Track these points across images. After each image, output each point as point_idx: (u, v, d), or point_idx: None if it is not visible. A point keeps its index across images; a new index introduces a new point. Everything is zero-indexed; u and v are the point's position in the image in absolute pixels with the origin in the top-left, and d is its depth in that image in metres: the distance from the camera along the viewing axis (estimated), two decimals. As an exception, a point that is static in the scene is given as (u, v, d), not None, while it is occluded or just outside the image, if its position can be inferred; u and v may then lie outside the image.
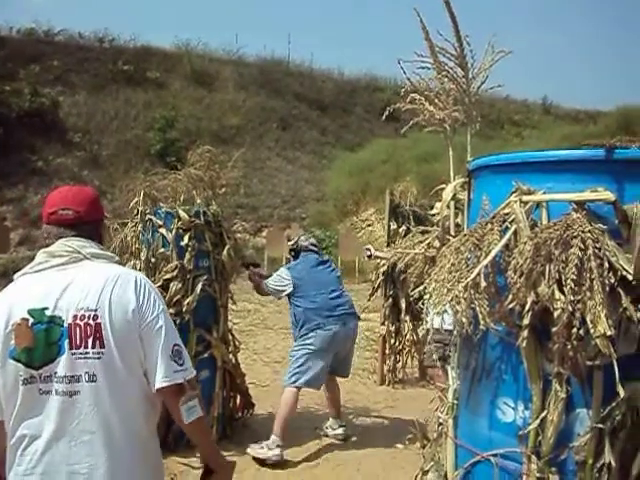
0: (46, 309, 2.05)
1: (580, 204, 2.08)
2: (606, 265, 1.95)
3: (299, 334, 5.43)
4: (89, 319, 2.04)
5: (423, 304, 2.39)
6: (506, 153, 2.53)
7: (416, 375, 7.80)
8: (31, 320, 2.05)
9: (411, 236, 6.97)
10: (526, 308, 2.07)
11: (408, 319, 7.61)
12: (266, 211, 23.67)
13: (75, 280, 2.09)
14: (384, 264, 6.98)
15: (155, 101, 26.15)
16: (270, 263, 16.27)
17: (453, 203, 2.79)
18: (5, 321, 2.06)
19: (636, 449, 2.05)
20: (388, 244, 7.47)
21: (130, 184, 5.95)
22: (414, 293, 2.73)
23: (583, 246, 1.95)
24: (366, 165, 23.45)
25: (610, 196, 2.04)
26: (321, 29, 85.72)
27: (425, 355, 5.70)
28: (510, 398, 2.25)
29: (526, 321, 2.08)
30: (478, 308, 2.13)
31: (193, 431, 2.20)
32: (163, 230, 5.31)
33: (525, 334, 2.08)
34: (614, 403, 2.01)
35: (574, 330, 1.95)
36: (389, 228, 7.74)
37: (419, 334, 7.59)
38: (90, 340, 2.04)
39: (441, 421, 2.67)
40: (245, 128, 27.12)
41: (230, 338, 5.77)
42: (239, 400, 5.80)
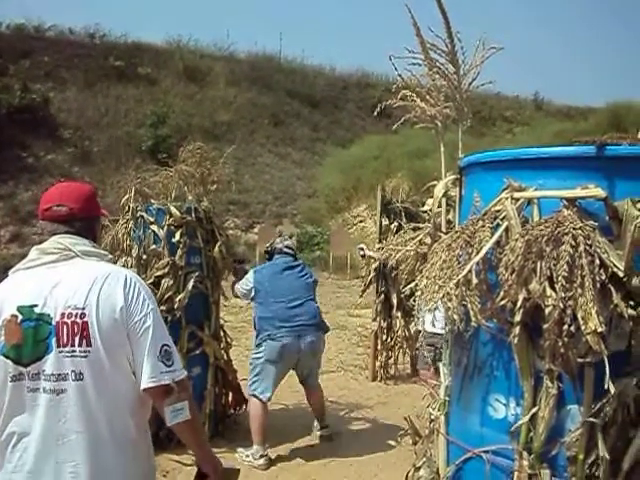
0: (35, 306, 2.05)
1: (571, 201, 2.08)
2: (597, 262, 1.96)
3: (255, 342, 5.25)
4: (76, 317, 2.03)
5: (415, 301, 2.39)
6: (497, 150, 2.53)
7: (408, 371, 7.82)
8: (20, 317, 2.05)
9: (403, 233, 7.02)
10: (517, 305, 2.07)
11: (400, 315, 7.62)
12: (258, 207, 23.66)
13: (65, 278, 2.09)
14: (376, 260, 6.99)
15: (146, 97, 26.09)
16: (262, 260, 16.24)
17: (444, 200, 2.79)
18: None
19: (627, 444, 2.06)
20: (380, 240, 7.47)
21: (121, 181, 5.94)
22: (406, 290, 2.74)
23: (574, 243, 1.96)
24: (357, 161, 23.48)
25: (601, 193, 2.04)
26: (313, 25, 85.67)
27: (417, 358, 5.65)
28: (502, 395, 2.26)
29: (517, 318, 2.08)
30: (469, 305, 2.14)
31: (181, 432, 2.20)
32: (154, 227, 5.30)
33: (516, 331, 2.09)
34: (605, 399, 2.02)
35: (565, 327, 1.95)
36: (381, 224, 7.74)
37: (411, 330, 7.61)
38: (77, 338, 2.03)
39: (433, 418, 2.67)
40: (236, 124, 27.09)
41: (222, 335, 5.77)
42: (231, 397, 5.80)
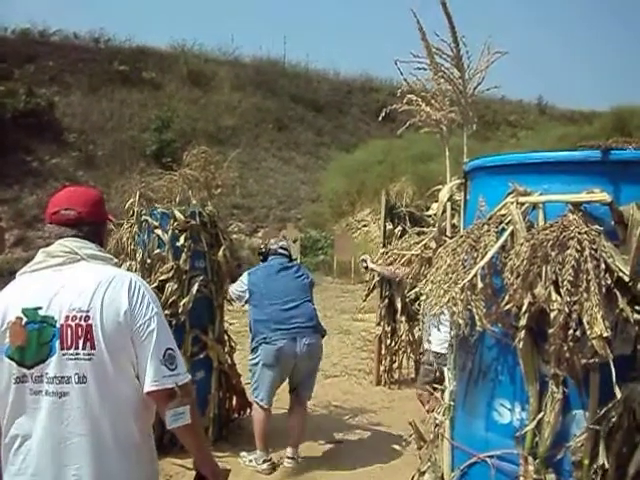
0: (39, 309, 2.05)
1: (576, 205, 2.08)
2: (602, 266, 1.95)
3: (250, 346, 5.15)
4: (80, 320, 2.03)
5: (419, 305, 2.38)
6: (502, 154, 2.52)
7: (412, 375, 7.80)
8: (25, 319, 2.05)
9: (407, 237, 7.02)
10: (523, 309, 2.06)
11: (404, 320, 7.60)
12: (262, 212, 23.70)
13: (70, 281, 2.10)
14: (380, 263, 6.97)
15: (151, 102, 26.18)
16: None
17: (449, 204, 2.79)
18: (1, 319, 2.07)
19: (632, 450, 2.05)
20: (384, 245, 7.46)
21: (126, 185, 5.96)
22: (410, 294, 2.73)
23: (579, 247, 1.95)
24: (362, 165, 23.51)
25: (606, 197, 2.04)
26: (317, 30, 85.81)
27: (419, 377, 5.49)
28: (507, 399, 2.25)
29: (523, 322, 2.08)
30: (475, 309, 2.13)
31: (182, 436, 2.20)
32: (159, 231, 5.31)
33: (522, 335, 2.08)
34: (610, 404, 2.01)
35: (571, 331, 1.95)
36: (385, 229, 7.73)
37: (415, 335, 7.60)
38: (81, 341, 2.03)
39: (437, 422, 2.67)
40: (241, 129, 27.15)
41: (226, 339, 5.77)
42: (235, 401, 5.80)
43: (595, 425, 2.03)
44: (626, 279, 1.97)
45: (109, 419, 2.06)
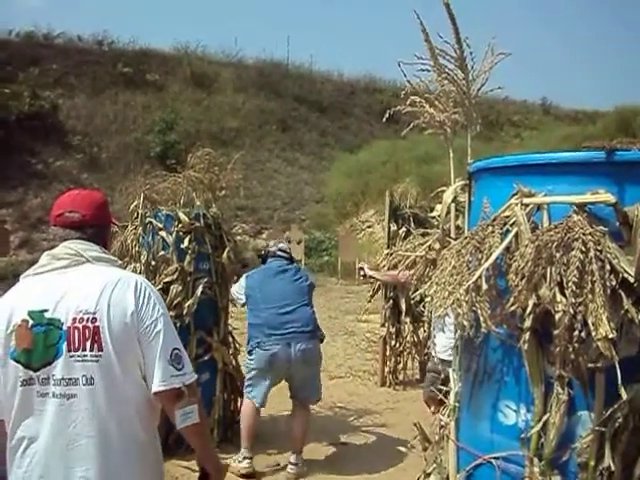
0: (46, 311, 2.06)
1: (581, 206, 2.07)
2: (607, 267, 1.95)
3: (246, 349, 5.11)
4: (87, 322, 2.04)
5: (424, 307, 2.38)
6: (506, 155, 2.52)
7: (417, 376, 7.81)
8: (31, 322, 2.06)
9: (412, 238, 7.01)
10: (527, 311, 2.06)
11: (408, 321, 7.61)
12: (266, 213, 23.70)
13: (75, 283, 2.10)
14: (384, 265, 6.97)
15: (154, 104, 26.20)
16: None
17: (454, 205, 2.79)
18: (7, 322, 2.08)
19: (638, 451, 2.04)
20: (388, 246, 7.47)
21: (130, 187, 5.96)
22: (415, 296, 2.73)
23: (584, 248, 1.95)
24: (365, 166, 23.51)
25: (611, 198, 2.04)
26: (320, 31, 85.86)
27: (425, 383, 5.36)
28: (512, 401, 2.25)
29: (527, 324, 2.07)
30: (479, 311, 2.13)
31: (189, 435, 2.21)
32: (163, 233, 5.33)
33: (526, 337, 2.08)
34: (616, 405, 2.00)
35: (576, 333, 1.94)
36: (389, 230, 7.74)
37: (419, 336, 7.60)
38: (88, 343, 2.04)
39: (443, 424, 2.67)
40: (244, 130, 27.16)
41: (230, 340, 5.78)
42: (240, 403, 5.79)
43: (601, 426, 2.02)
44: (631, 280, 1.97)
45: (116, 420, 2.07)
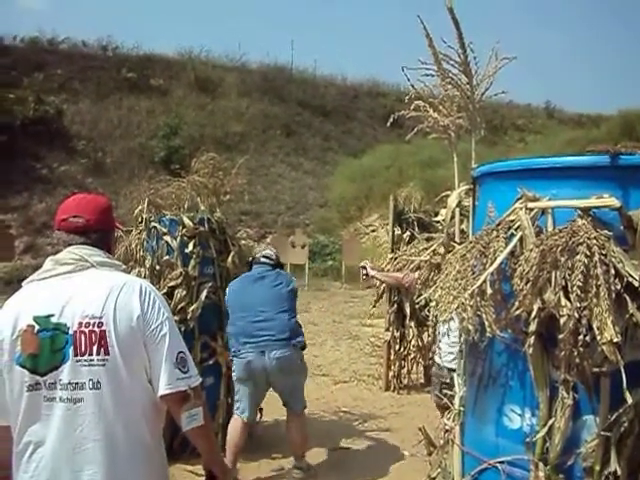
0: (51, 316, 2.07)
1: (585, 210, 2.08)
2: (612, 271, 1.95)
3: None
4: (94, 326, 2.05)
5: (429, 311, 2.38)
6: (511, 160, 2.53)
7: (421, 381, 7.80)
8: (37, 327, 2.06)
9: (416, 242, 7.00)
10: (532, 315, 2.06)
11: (413, 325, 7.58)
12: (270, 217, 23.74)
13: (81, 288, 2.11)
14: (389, 269, 6.96)
15: (159, 108, 26.29)
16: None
17: (458, 210, 2.79)
18: (12, 327, 2.08)
19: (644, 455, 2.04)
20: (392, 250, 7.46)
21: (134, 191, 5.97)
22: (420, 300, 2.73)
23: (589, 253, 1.95)
24: (369, 171, 23.51)
25: (615, 202, 2.04)
26: (324, 35, 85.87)
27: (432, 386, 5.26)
28: (517, 405, 2.25)
29: (532, 328, 2.07)
30: (484, 315, 2.13)
31: (195, 438, 2.22)
32: (168, 237, 5.32)
33: (531, 341, 2.08)
34: (621, 409, 2.00)
35: (580, 337, 1.94)
36: (393, 234, 7.73)
37: (424, 340, 7.59)
38: (95, 347, 2.05)
39: (448, 428, 2.67)
40: (248, 135, 27.23)
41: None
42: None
43: (606, 431, 2.02)
44: (636, 284, 1.97)
45: (123, 424, 2.08)
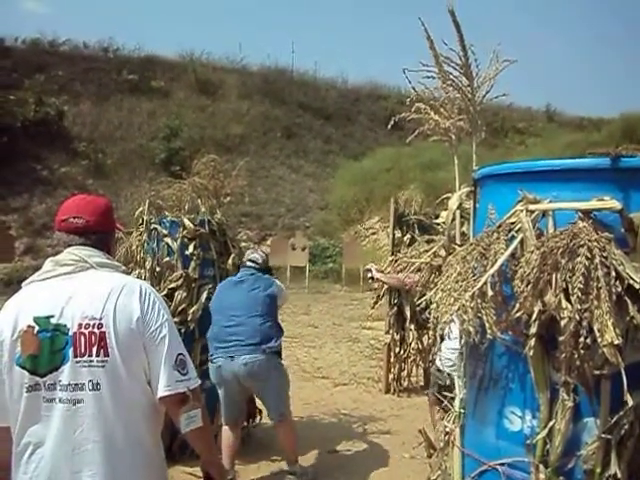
0: (51, 317, 2.07)
1: (586, 213, 2.08)
2: (613, 274, 1.95)
3: None
4: (94, 327, 2.05)
5: (429, 313, 2.38)
6: (512, 162, 2.53)
7: (421, 384, 7.78)
8: (37, 328, 2.07)
9: (417, 245, 7.00)
10: (533, 317, 2.06)
11: (413, 327, 7.57)
12: (270, 220, 23.73)
13: (81, 289, 2.11)
14: (389, 272, 6.97)
15: (159, 110, 26.30)
16: (274, 272, 16.24)
17: (459, 212, 2.79)
18: (12, 328, 2.08)
19: (644, 458, 2.04)
20: (393, 253, 7.46)
21: (135, 193, 5.98)
22: (421, 302, 2.73)
23: (590, 255, 1.95)
24: (370, 173, 23.52)
25: (616, 205, 2.04)
26: (324, 38, 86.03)
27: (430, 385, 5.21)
28: (517, 407, 2.24)
29: (533, 330, 2.07)
30: (485, 317, 2.13)
31: (195, 440, 2.23)
32: (168, 239, 5.33)
33: (532, 343, 2.08)
34: (622, 412, 2.00)
35: (581, 339, 1.94)
36: (394, 237, 7.73)
37: (424, 342, 7.58)
38: (94, 348, 2.05)
39: (448, 430, 2.66)
40: (249, 137, 27.23)
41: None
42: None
43: (607, 433, 2.02)
44: (637, 286, 1.96)
45: (122, 425, 2.08)
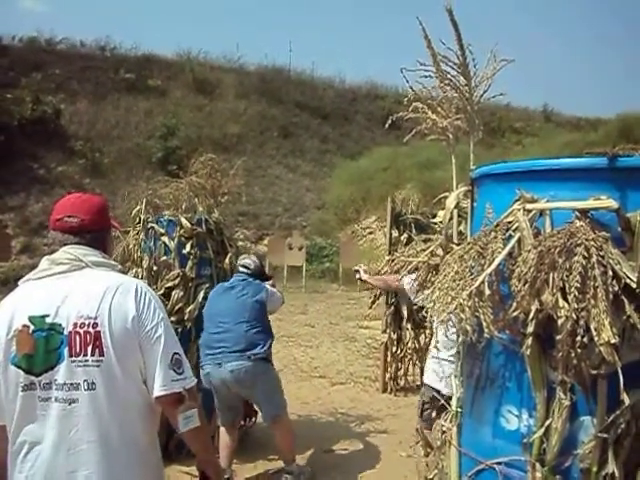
0: (47, 316, 2.07)
1: (583, 212, 2.08)
2: (610, 273, 1.95)
3: None
4: (89, 327, 2.05)
5: (426, 312, 2.38)
6: (509, 161, 2.53)
7: (418, 383, 7.77)
8: (32, 327, 2.06)
9: (414, 244, 7.00)
10: (530, 316, 2.06)
11: (410, 327, 7.58)
12: (267, 219, 23.71)
13: (76, 288, 2.11)
14: (386, 271, 6.96)
15: (156, 109, 26.28)
16: (271, 271, 16.25)
17: (456, 211, 2.79)
18: (7, 327, 2.08)
19: (641, 457, 2.04)
20: (390, 252, 7.46)
21: (132, 192, 5.97)
22: (417, 301, 2.73)
23: (587, 254, 1.95)
24: (367, 173, 23.50)
25: (613, 204, 2.04)
26: (322, 37, 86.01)
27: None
28: (514, 406, 2.25)
29: (530, 329, 2.07)
30: (482, 316, 2.13)
31: (191, 439, 2.22)
32: (165, 238, 5.33)
33: (529, 342, 2.08)
34: (618, 411, 2.00)
35: (578, 338, 1.94)
36: (391, 236, 7.73)
37: (421, 342, 7.59)
38: (90, 348, 2.05)
39: (445, 429, 2.66)
40: (246, 136, 27.21)
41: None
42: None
43: (603, 432, 2.02)
44: (633, 286, 1.97)
45: (117, 425, 2.08)
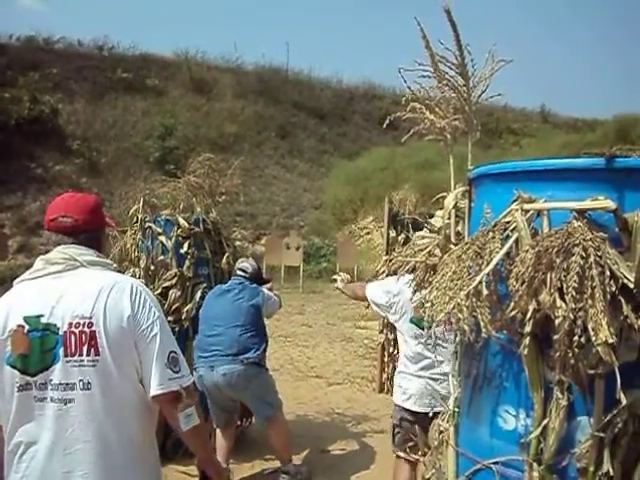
0: (42, 316, 2.06)
1: (581, 212, 2.08)
2: (607, 273, 1.95)
3: None
4: (84, 327, 2.05)
5: (424, 312, 2.39)
6: (507, 162, 2.53)
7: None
8: (27, 327, 2.06)
9: (411, 244, 7.00)
10: (527, 316, 2.06)
11: (407, 327, 7.57)
12: (265, 219, 23.71)
13: (71, 288, 2.11)
14: (383, 271, 6.96)
15: (154, 109, 26.25)
16: (269, 271, 16.26)
17: (454, 211, 2.79)
18: (2, 327, 2.08)
19: (638, 456, 2.05)
20: (387, 252, 7.47)
21: (129, 191, 5.97)
22: (415, 301, 2.73)
23: (584, 254, 1.95)
24: (364, 173, 23.51)
25: (611, 204, 2.04)
26: (320, 37, 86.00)
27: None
28: (511, 406, 2.25)
29: (527, 329, 2.07)
30: (480, 316, 2.13)
31: (190, 438, 2.22)
32: (162, 238, 5.33)
33: (526, 342, 2.08)
34: (616, 410, 2.00)
35: (575, 338, 1.94)
36: (388, 236, 7.74)
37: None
38: (85, 348, 2.05)
39: (442, 429, 2.66)
40: (243, 136, 27.20)
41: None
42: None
43: (600, 432, 2.03)
44: (631, 286, 1.97)
45: (114, 424, 2.08)
